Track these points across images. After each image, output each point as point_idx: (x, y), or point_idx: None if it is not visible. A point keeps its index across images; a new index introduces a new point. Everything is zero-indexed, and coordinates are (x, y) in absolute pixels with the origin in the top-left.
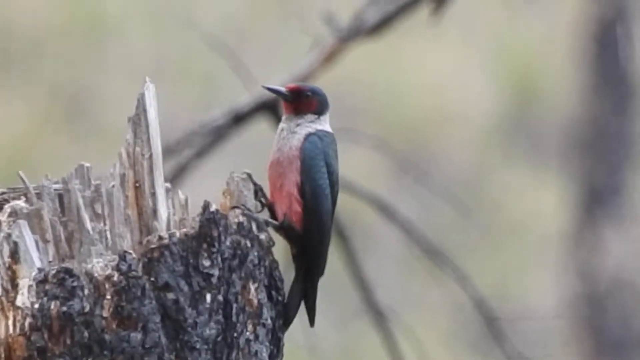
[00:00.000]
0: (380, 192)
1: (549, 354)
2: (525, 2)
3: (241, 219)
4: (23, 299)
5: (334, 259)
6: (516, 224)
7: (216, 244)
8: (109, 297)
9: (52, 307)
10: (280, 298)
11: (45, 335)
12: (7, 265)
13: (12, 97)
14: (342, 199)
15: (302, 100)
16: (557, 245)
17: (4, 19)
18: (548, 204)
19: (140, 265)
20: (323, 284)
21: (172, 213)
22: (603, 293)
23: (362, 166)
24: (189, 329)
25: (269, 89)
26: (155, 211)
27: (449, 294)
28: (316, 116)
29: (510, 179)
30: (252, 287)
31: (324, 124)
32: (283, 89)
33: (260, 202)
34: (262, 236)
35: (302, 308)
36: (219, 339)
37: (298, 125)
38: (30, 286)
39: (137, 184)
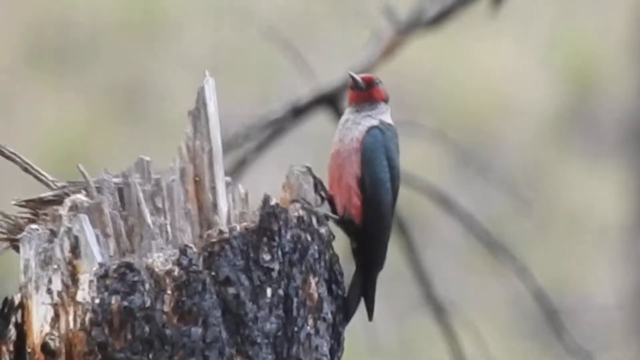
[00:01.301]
0: (440, 184)
1: (609, 347)
2: None
3: (301, 212)
4: (83, 294)
5: (393, 252)
6: (575, 215)
7: (276, 238)
8: (169, 291)
9: (113, 302)
10: (340, 292)
11: (106, 330)
12: (67, 260)
13: (71, 92)
14: (402, 192)
15: (374, 88)
16: (616, 237)
17: (61, 14)
18: (607, 195)
19: (201, 259)
20: (383, 278)
21: (232, 207)
22: None
23: (421, 159)
24: (250, 323)
25: (352, 76)
26: (215, 205)
27: (509, 286)
28: (387, 106)
29: (569, 170)
30: (313, 281)
31: (387, 116)
32: (359, 78)
33: (320, 195)
34: (322, 230)
35: (362, 302)
36: (280, 333)
37: (361, 116)
38: (91, 281)
39: (197, 178)
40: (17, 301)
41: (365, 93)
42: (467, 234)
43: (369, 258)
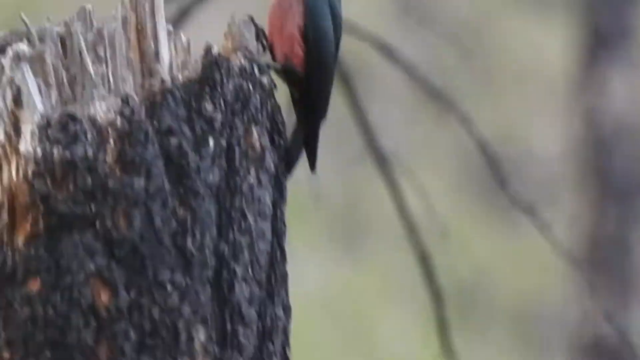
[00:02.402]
0: (384, 34)
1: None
2: None
3: (243, 61)
4: (26, 145)
5: (336, 102)
6: (521, 67)
7: (219, 88)
8: (112, 142)
9: (55, 153)
10: (282, 142)
11: (49, 182)
12: (10, 110)
13: None
14: (346, 40)
15: None
16: (562, 89)
17: None
18: (553, 47)
19: (143, 109)
20: (326, 130)
21: (175, 56)
22: (608, 137)
23: (365, 8)
24: (193, 174)
25: None
26: (157, 54)
27: (453, 137)
28: None
29: (517, 23)
30: (255, 131)
31: None
32: None
33: (262, 44)
34: (264, 79)
35: (305, 154)
36: (222, 184)
37: None
38: (33, 132)
39: (139, 27)
40: None
41: None
42: (410, 84)
43: (311, 107)
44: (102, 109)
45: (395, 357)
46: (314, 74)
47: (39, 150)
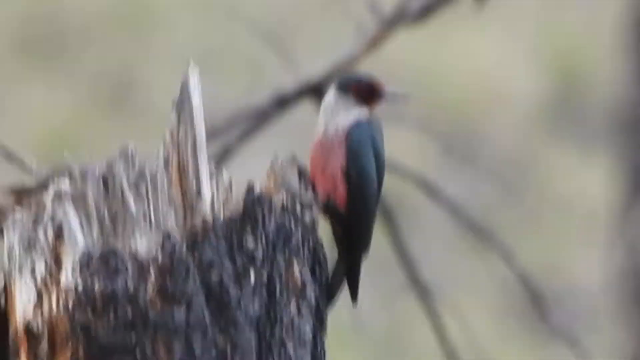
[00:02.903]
0: (427, 173)
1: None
2: None
3: (285, 199)
4: (67, 277)
5: (379, 239)
6: (562, 203)
7: (260, 225)
8: (153, 277)
9: (96, 285)
10: (324, 276)
11: (89, 313)
12: (51, 245)
13: (59, 82)
14: (388, 180)
15: (382, 99)
16: (604, 223)
17: (51, 4)
18: (594, 183)
19: (185, 244)
20: (368, 265)
21: (216, 195)
22: None
23: (408, 148)
24: (233, 305)
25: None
26: (199, 192)
27: (495, 272)
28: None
29: (557, 159)
30: (296, 265)
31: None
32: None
33: (305, 184)
34: (307, 217)
35: (347, 288)
36: (263, 315)
37: (346, 108)
38: (74, 267)
39: (181, 166)
40: (0, 286)
41: (377, 100)
42: (453, 221)
43: (353, 243)
44: (144, 245)
45: None
46: (356, 212)
47: (80, 282)
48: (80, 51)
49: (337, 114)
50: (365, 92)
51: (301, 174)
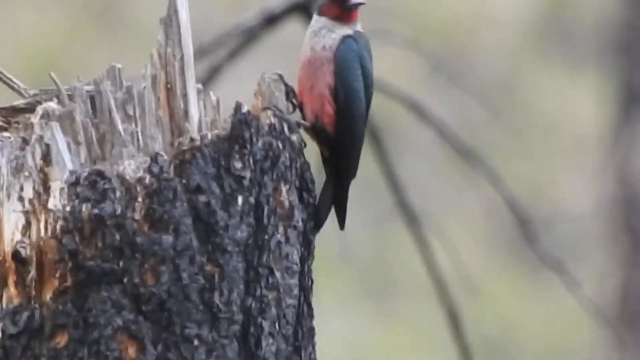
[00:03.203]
0: (414, 93)
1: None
2: None
3: (273, 120)
4: (55, 201)
5: (366, 160)
6: (551, 125)
7: (248, 146)
8: (140, 199)
9: (84, 209)
10: (311, 200)
11: (77, 238)
12: (39, 167)
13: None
14: (376, 99)
15: (352, 10)
16: (593, 147)
17: None
18: (584, 105)
19: (172, 167)
20: (356, 187)
21: (204, 115)
22: (639, 194)
23: (395, 67)
24: (221, 231)
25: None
26: (186, 112)
27: (483, 195)
28: (355, 25)
29: (546, 80)
30: (284, 188)
31: (358, 25)
32: None
33: (292, 103)
34: (294, 138)
35: (334, 211)
36: (250, 241)
37: (334, 26)
38: (62, 189)
39: (169, 86)
40: None
41: (349, 13)
42: (440, 142)
43: (341, 166)
44: (131, 167)
45: None
46: (344, 132)
47: (67, 207)
48: None
49: (322, 35)
50: (335, 9)
51: (289, 94)
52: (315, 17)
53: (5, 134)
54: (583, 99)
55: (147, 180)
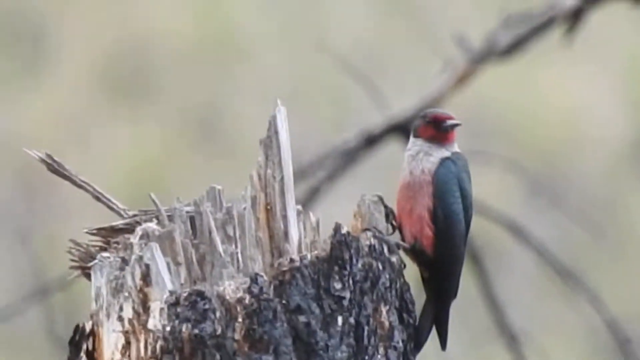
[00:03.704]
0: (514, 214)
1: None
2: None
3: (372, 241)
4: (154, 321)
5: (467, 281)
6: None
7: (348, 267)
8: (240, 319)
9: (184, 329)
10: (411, 321)
11: (177, 358)
12: (138, 288)
13: (145, 119)
14: (476, 221)
15: (454, 132)
16: None
17: (136, 41)
18: None
19: (272, 287)
20: (456, 307)
21: (304, 235)
22: None
23: (495, 188)
24: (321, 352)
25: (457, 124)
26: (286, 233)
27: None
28: (452, 146)
29: None
30: (384, 309)
31: (455, 146)
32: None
33: (392, 224)
34: (394, 259)
35: (434, 331)
36: None
37: (430, 148)
38: (162, 309)
39: (269, 207)
40: (88, 329)
41: (444, 135)
42: (540, 263)
43: (441, 287)
44: (231, 287)
45: None
46: (444, 254)
47: (167, 328)
48: (166, 88)
49: (420, 159)
50: (431, 130)
51: (388, 215)
52: (411, 139)
53: (105, 254)
54: None
55: (247, 301)
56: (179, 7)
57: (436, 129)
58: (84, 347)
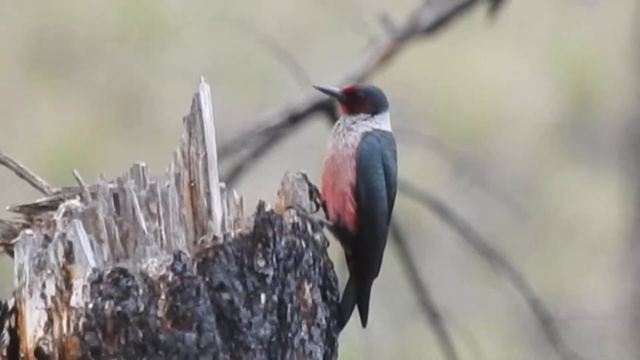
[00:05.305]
0: (437, 193)
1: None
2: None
3: (296, 219)
4: (77, 299)
5: (389, 259)
6: (573, 225)
7: (271, 244)
8: (163, 297)
9: (107, 307)
10: (334, 298)
11: (100, 335)
12: (61, 265)
13: (69, 99)
14: (399, 199)
15: (356, 101)
16: (614, 247)
17: (61, 23)
18: (605, 205)
19: (195, 265)
20: (379, 285)
21: (227, 213)
22: None
23: (418, 167)
24: (244, 329)
25: (321, 89)
26: (210, 211)
27: (505, 295)
28: (369, 115)
29: (568, 180)
30: (307, 287)
31: (382, 123)
32: (336, 89)
33: (315, 202)
34: (317, 236)
35: (357, 309)
36: (274, 339)
37: (354, 123)
38: (84, 286)
39: (192, 184)
40: (10, 306)
41: (349, 104)
42: (463, 243)
43: (364, 265)
44: (154, 264)
45: None
46: (366, 232)
47: (90, 305)
48: (90, 67)
49: (343, 133)
50: (342, 106)
51: (312, 193)
52: (340, 117)
53: (28, 231)
54: (605, 199)
55: (170, 278)
56: None
57: (342, 102)
58: (7, 324)
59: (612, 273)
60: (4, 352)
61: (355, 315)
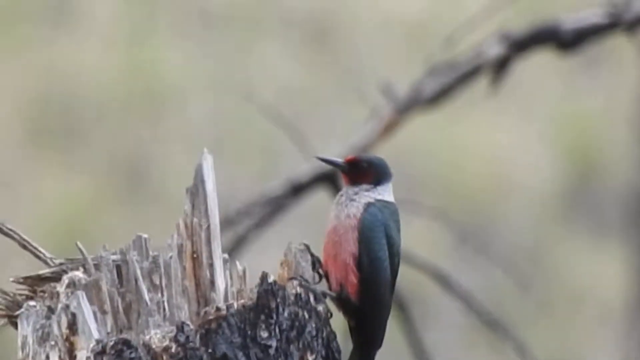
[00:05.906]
0: (441, 263)
1: None
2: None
3: (299, 290)
4: None
5: (393, 330)
6: (577, 294)
7: (274, 315)
8: None
9: None
10: None
11: None
12: (65, 336)
13: (73, 167)
14: (402, 270)
15: (359, 171)
16: (618, 316)
17: (65, 90)
18: (609, 274)
19: (198, 336)
20: (382, 356)
21: (230, 284)
22: None
23: (422, 237)
24: None
25: (324, 160)
26: (212, 282)
27: None
28: (372, 185)
29: (571, 249)
30: (310, 358)
31: (384, 194)
32: (339, 160)
33: (318, 273)
34: (320, 307)
35: None
36: None
37: (356, 194)
38: (88, 357)
39: (195, 255)
40: None
41: (351, 174)
42: (467, 313)
43: (367, 336)
44: (157, 336)
45: None
46: (369, 302)
47: None
48: (93, 136)
49: (346, 204)
50: (344, 177)
51: (315, 264)
52: (343, 188)
53: (31, 302)
54: (609, 267)
55: (173, 349)
56: (107, 56)
57: (345, 174)
58: None
59: (617, 343)
60: None
61: None
